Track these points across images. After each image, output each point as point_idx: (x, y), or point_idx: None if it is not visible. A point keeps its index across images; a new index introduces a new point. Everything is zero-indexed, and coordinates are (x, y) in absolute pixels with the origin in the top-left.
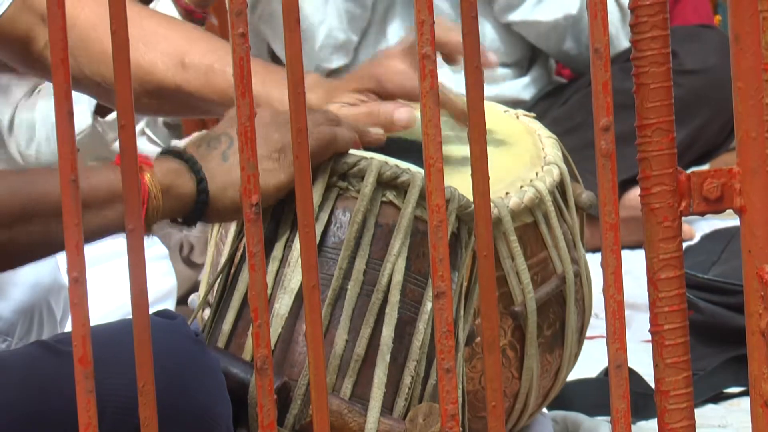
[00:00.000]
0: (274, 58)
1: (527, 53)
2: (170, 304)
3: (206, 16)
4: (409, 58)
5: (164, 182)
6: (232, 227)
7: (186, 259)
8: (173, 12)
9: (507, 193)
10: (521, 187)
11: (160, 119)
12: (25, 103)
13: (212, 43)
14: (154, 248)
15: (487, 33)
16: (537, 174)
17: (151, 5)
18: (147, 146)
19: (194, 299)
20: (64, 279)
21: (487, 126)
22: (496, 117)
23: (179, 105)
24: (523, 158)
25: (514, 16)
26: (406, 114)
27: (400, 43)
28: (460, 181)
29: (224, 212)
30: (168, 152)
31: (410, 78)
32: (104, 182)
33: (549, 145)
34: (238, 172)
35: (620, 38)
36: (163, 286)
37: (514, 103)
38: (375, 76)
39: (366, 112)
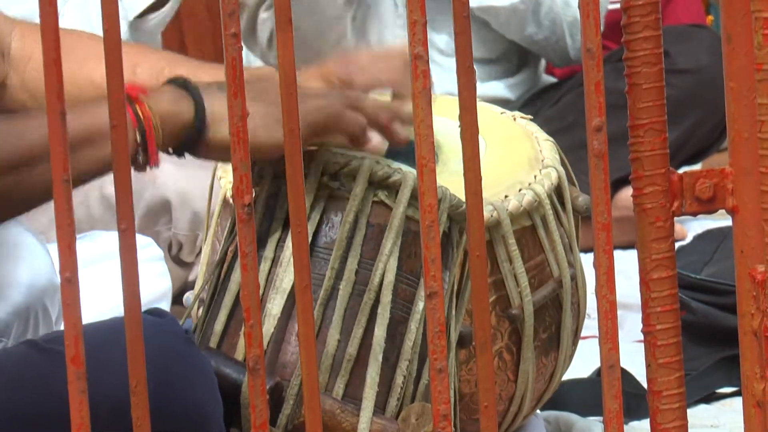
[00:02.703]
0: None
1: (511, 48)
2: (165, 306)
3: None
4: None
5: (166, 111)
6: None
7: (175, 258)
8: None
9: (506, 196)
10: (520, 190)
11: None
12: None
13: (163, 53)
14: (149, 249)
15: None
16: (535, 177)
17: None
18: None
19: (189, 297)
20: None
21: (485, 128)
22: (493, 119)
23: None
24: (521, 161)
25: (473, 2)
26: (377, 142)
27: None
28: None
29: (217, 148)
30: (174, 82)
31: (380, 71)
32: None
33: (546, 148)
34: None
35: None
36: (157, 287)
37: (499, 103)
38: (346, 65)
39: None
